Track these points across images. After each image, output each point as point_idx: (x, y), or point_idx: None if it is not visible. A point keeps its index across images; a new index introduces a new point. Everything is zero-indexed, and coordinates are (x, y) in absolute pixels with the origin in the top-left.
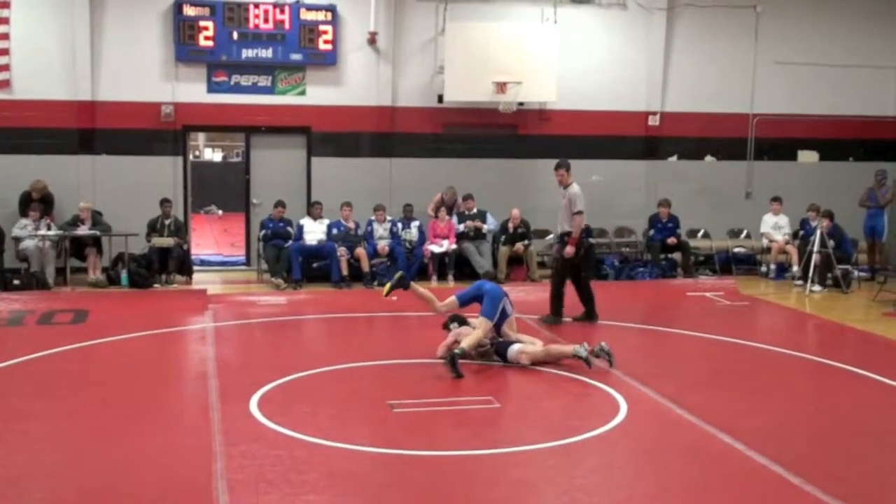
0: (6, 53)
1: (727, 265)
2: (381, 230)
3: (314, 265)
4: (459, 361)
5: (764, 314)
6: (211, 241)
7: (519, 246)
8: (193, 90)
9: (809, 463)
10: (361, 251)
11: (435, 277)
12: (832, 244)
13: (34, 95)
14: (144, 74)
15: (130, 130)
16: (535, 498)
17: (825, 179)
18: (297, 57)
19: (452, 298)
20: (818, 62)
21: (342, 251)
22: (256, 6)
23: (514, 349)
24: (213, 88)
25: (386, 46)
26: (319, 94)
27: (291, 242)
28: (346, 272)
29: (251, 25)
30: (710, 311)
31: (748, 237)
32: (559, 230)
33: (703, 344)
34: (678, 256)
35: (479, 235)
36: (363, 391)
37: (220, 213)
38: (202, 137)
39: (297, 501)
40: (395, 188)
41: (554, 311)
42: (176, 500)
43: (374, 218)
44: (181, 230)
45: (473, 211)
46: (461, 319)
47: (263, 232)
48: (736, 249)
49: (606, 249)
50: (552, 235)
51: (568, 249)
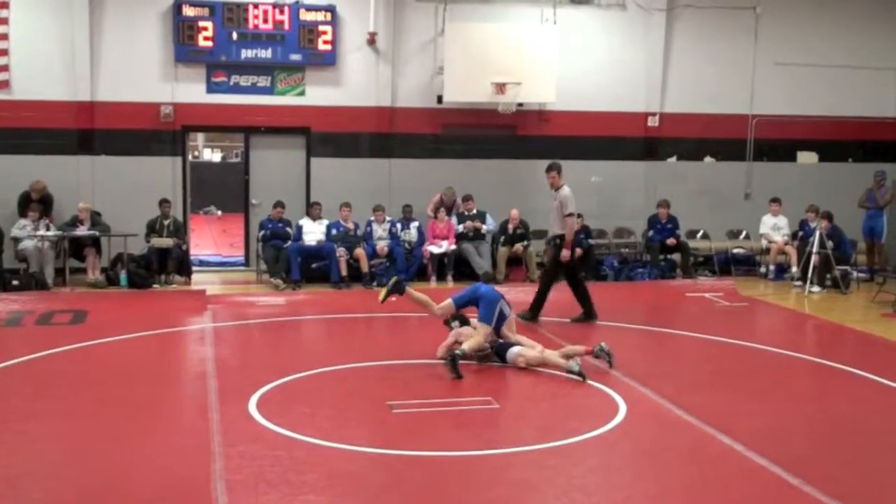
0: (5, 54)
1: (726, 266)
2: (380, 231)
3: (313, 266)
4: (460, 361)
5: (763, 315)
6: (210, 241)
7: (518, 246)
8: (193, 90)
9: (808, 463)
10: (360, 252)
11: (434, 278)
12: (831, 245)
13: (33, 96)
14: (144, 75)
15: (130, 131)
16: (534, 498)
17: (824, 180)
18: (296, 57)
19: (449, 301)
20: (818, 63)
21: (341, 252)
22: (256, 6)
23: (512, 352)
24: (212, 89)
25: (385, 47)
26: (319, 94)
27: (290, 243)
28: (345, 273)
29: (250, 26)
30: (709, 311)
31: (747, 238)
32: (550, 233)
33: (702, 345)
34: (677, 257)
35: (478, 236)
36: (362, 392)
37: (219, 213)
38: (201, 138)
39: (296, 502)
40: (394, 189)
41: (533, 309)
42: (175, 500)
43: (373, 218)
44: (180, 231)
45: (473, 211)
46: (463, 318)
47: (262, 232)
48: (735, 250)
49: (606, 250)
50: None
51: (564, 253)
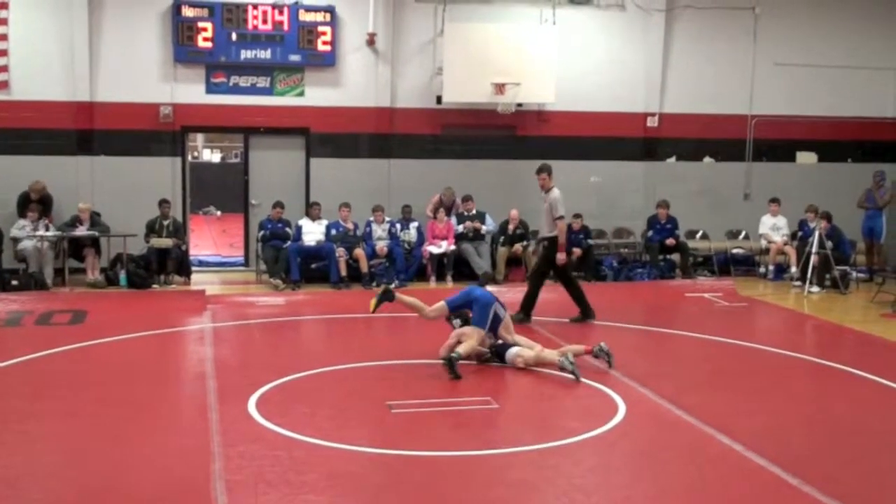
0: (5, 54)
1: (726, 266)
2: (379, 231)
3: (313, 266)
4: (459, 361)
5: (762, 315)
6: (209, 241)
7: (518, 247)
8: (192, 91)
9: (807, 464)
10: (360, 252)
11: (433, 278)
12: (830, 245)
13: (33, 96)
14: (143, 75)
15: (129, 131)
16: (533, 498)
17: (824, 180)
18: (295, 58)
19: (442, 304)
20: (817, 63)
21: (341, 252)
22: (255, 7)
23: (511, 352)
24: (211, 89)
25: (385, 47)
26: (318, 95)
27: (290, 243)
28: (344, 273)
29: (250, 26)
30: (708, 311)
31: (746, 238)
32: (540, 234)
33: (701, 345)
34: (677, 257)
35: (477, 236)
36: (362, 392)
37: (218, 213)
38: (201, 138)
39: (295, 502)
40: (393, 189)
41: (524, 309)
42: (174, 500)
43: (372, 219)
44: (180, 231)
45: (472, 212)
46: (465, 317)
47: (262, 232)
48: (734, 250)
49: (605, 250)
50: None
51: (560, 257)
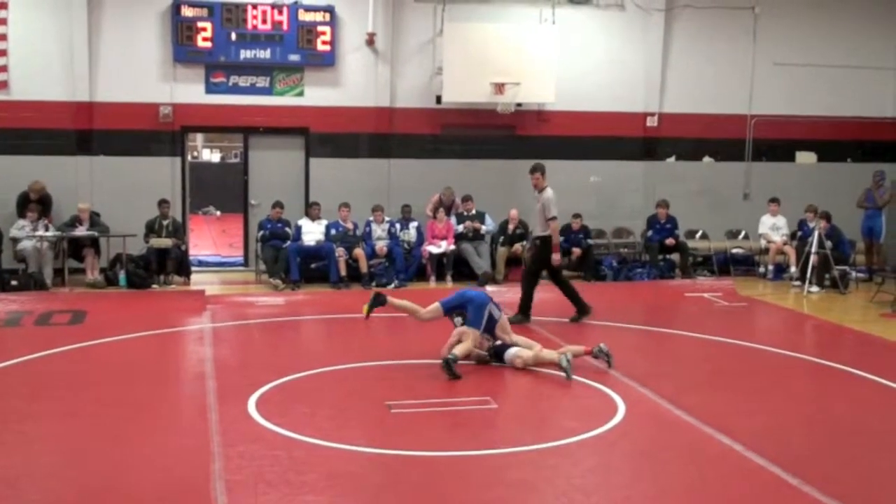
0: (4, 54)
1: (725, 266)
2: (379, 231)
3: (312, 266)
4: (459, 361)
5: (762, 315)
6: (209, 241)
7: (517, 247)
8: (191, 91)
9: (807, 463)
10: (360, 252)
11: (433, 278)
12: (830, 245)
13: (32, 96)
14: (142, 75)
15: (128, 131)
16: (533, 499)
17: (823, 180)
18: (295, 58)
19: (436, 305)
20: (816, 63)
21: (340, 252)
22: (255, 7)
23: (510, 353)
24: (211, 89)
25: (384, 47)
26: (318, 94)
27: (289, 243)
28: (344, 273)
29: (249, 26)
30: (708, 311)
31: (746, 238)
32: (532, 234)
33: (701, 345)
34: (676, 257)
35: (477, 236)
36: (361, 392)
37: (218, 213)
38: (200, 138)
39: (295, 502)
40: (393, 189)
41: (522, 310)
42: (174, 500)
43: (372, 218)
44: (179, 231)
45: (472, 212)
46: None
47: (261, 232)
48: (734, 250)
49: (605, 250)
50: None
51: (555, 258)
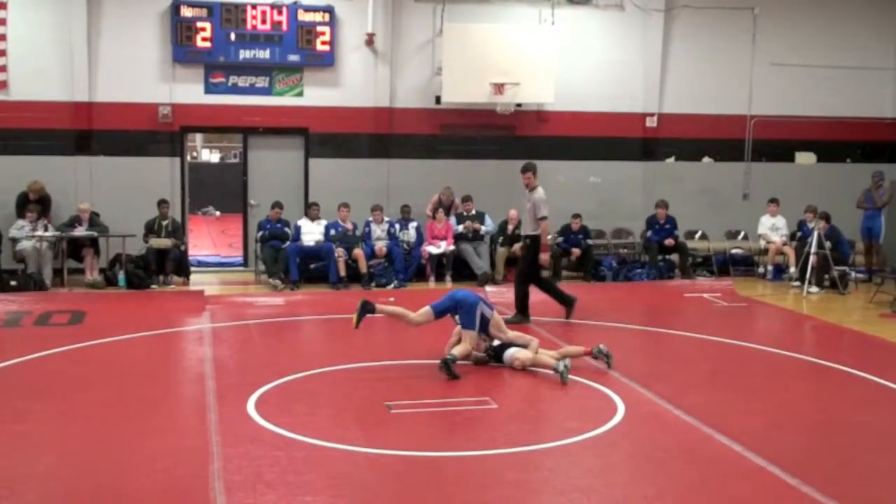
0: (3, 54)
1: (725, 266)
2: (378, 231)
3: (312, 266)
4: (458, 362)
5: (761, 315)
6: (208, 241)
7: (517, 247)
8: (191, 91)
9: (807, 464)
10: (359, 252)
11: (433, 278)
12: (829, 245)
13: (31, 96)
14: (142, 75)
15: (128, 131)
16: (532, 499)
17: (822, 181)
18: (294, 58)
19: (427, 309)
20: (816, 64)
21: (340, 252)
22: (254, 7)
23: (508, 353)
24: (210, 89)
25: (384, 47)
26: (317, 95)
27: (289, 243)
28: (343, 273)
29: (249, 26)
30: (707, 312)
31: (745, 238)
32: (522, 233)
33: (700, 345)
34: (676, 258)
35: (476, 237)
36: (361, 392)
37: (217, 214)
38: (200, 138)
39: (294, 502)
40: (392, 189)
41: (520, 310)
42: (173, 501)
43: (371, 218)
44: (178, 231)
45: (472, 212)
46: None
47: (261, 233)
48: (733, 251)
49: (604, 250)
50: (549, 236)
51: (542, 257)
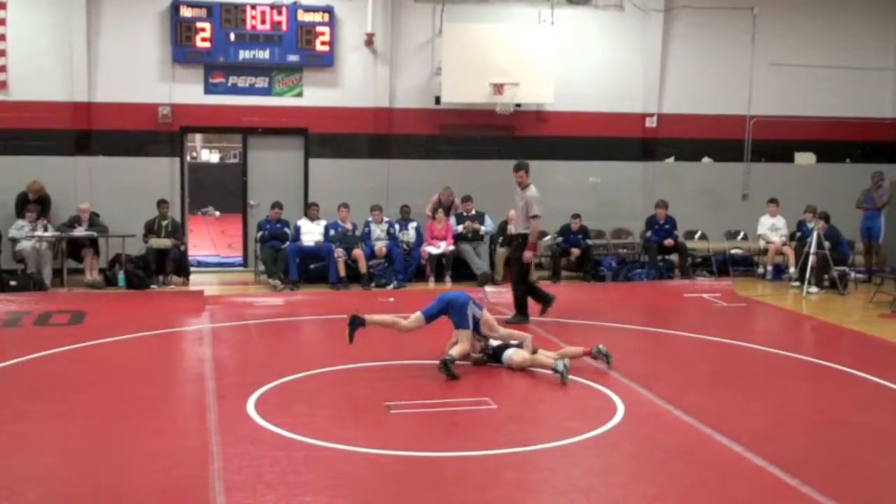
0: (3, 54)
1: (724, 266)
2: (378, 231)
3: (311, 266)
4: (457, 362)
5: (761, 315)
6: (208, 242)
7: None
8: (190, 91)
9: (806, 464)
10: (359, 252)
11: (432, 279)
12: (829, 246)
13: (31, 97)
14: (141, 75)
15: (127, 132)
16: (532, 499)
17: (822, 181)
18: (294, 58)
19: (418, 314)
20: (815, 64)
21: (339, 252)
22: (253, 7)
23: (507, 354)
24: (210, 90)
25: (383, 48)
26: (317, 95)
27: (289, 243)
28: (343, 273)
29: (248, 27)
30: (707, 312)
31: (745, 239)
32: (514, 231)
33: (700, 345)
34: (675, 258)
35: (476, 237)
36: (360, 392)
37: (217, 214)
38: (199, 139)
39: (294, 502)
40: (392, 189)
41: (519, 310)
42: (173, 501)
43: (370, 218)
44: (178, 231)
45: (472, 212)
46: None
47: (261, 233)
48: (733, 251)
49: (604, 251)
50: (549, 237)
51: (526, 254)
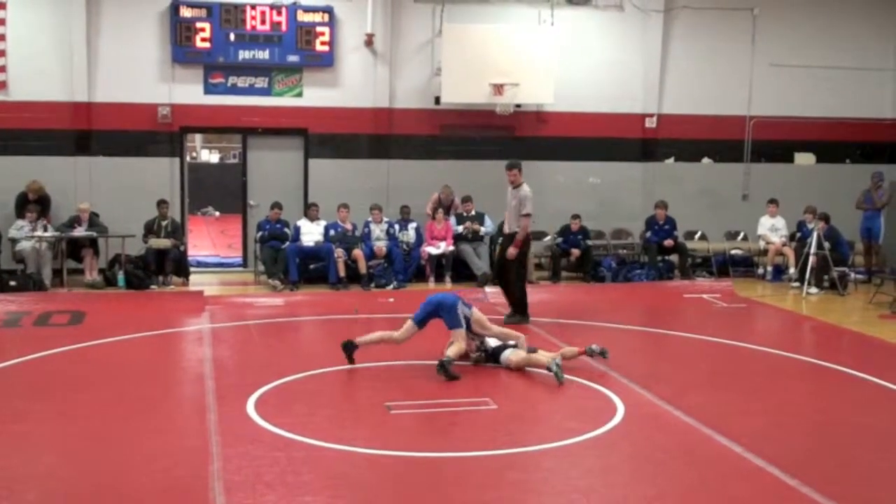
0: (3, 55)
1: (724, 267)
2: (378, 231)
3: (311, 266)
4: (455, 362)
5: (761, 316)
6: (208, 242)
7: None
8: (190, 91)
9: (806, 465)
10: (359, 252)
11: (432, 279)
12: (828, 246)
13: (31, 97)
14: (141, 76)
15: (127, 132)
16: (532, 499)
17: (822, 181)
18: (294, 58)
19: (409, 323)
20: (815, 64)
21: (339, 252)
22: (253, 7)
23: (504, 355)
24: (209, 90)
25: (383, 48)
26: (316, 95)
27: (288, 244)
28: (343, 273)
29: (248, 27)
30: (707, 313)
31: (745, 239)
32: (506, 230)
33: (700, 346)
34: (675, 258)
35: (476, 237)
36: (360, 392)
37: (217, 214)
38: (199, 139)
39: (294, 502)
40: (392, 190)
41: (519, 311)
42: (173, 501)
43: (370, 219)
44: (178, 231)
45: (472, 213)
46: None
47: (260, 233)
48: (733, 251)
49: (603, 251)
50: (549, 237)
51: (510, 251)
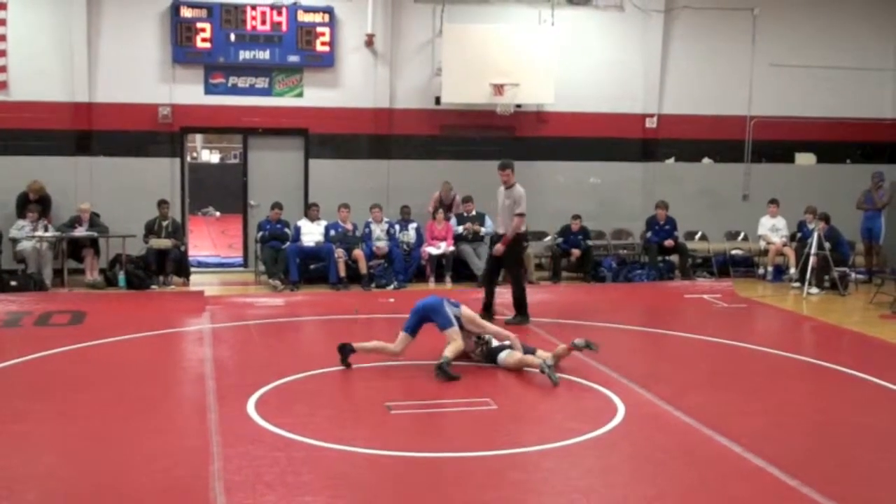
0: (3, 55)
1: (725, 267)
2: (378, 231)
3: (311, 267)
4: (455, 362)
5: (761, 316)
6: (208, 242)
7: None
8: (191, 92)
9: (806, 465)
10: (359, 252)
11: (433, 279)
12: (829, 246)
13: (31, 97)
14: (141, 76)
15: (128, 132)
16: (532, 499)
17: (822, 182)
18: (294, 59)
19: (403, 335)
20: (815, 65)
21: (340, 253)
22: (254, 8)
23: (501, 356)
24: (210, 90)
25: (383, 48)
26: (317, 95)
27: (289, 244)
28: (343, 274)
29: (248, 27)
30: (707, 313)
31: (745, 239)
32: (501, 231)
33: (700, 346)
34: (676, 259)
35: (476, 238)
36: (360, 393)
37: (217, 214)
38: (199, 139)
39: (294, 502)
40: (392, 190)
41: (519, 311)
42: (173, 501)
43: (371, 218)
44: (178, 231)
45: (472, 213)
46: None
47: (261, 233)
48: (733, 252)
49: (604, 251)
50: (549, 237)
51: (497, 247)
